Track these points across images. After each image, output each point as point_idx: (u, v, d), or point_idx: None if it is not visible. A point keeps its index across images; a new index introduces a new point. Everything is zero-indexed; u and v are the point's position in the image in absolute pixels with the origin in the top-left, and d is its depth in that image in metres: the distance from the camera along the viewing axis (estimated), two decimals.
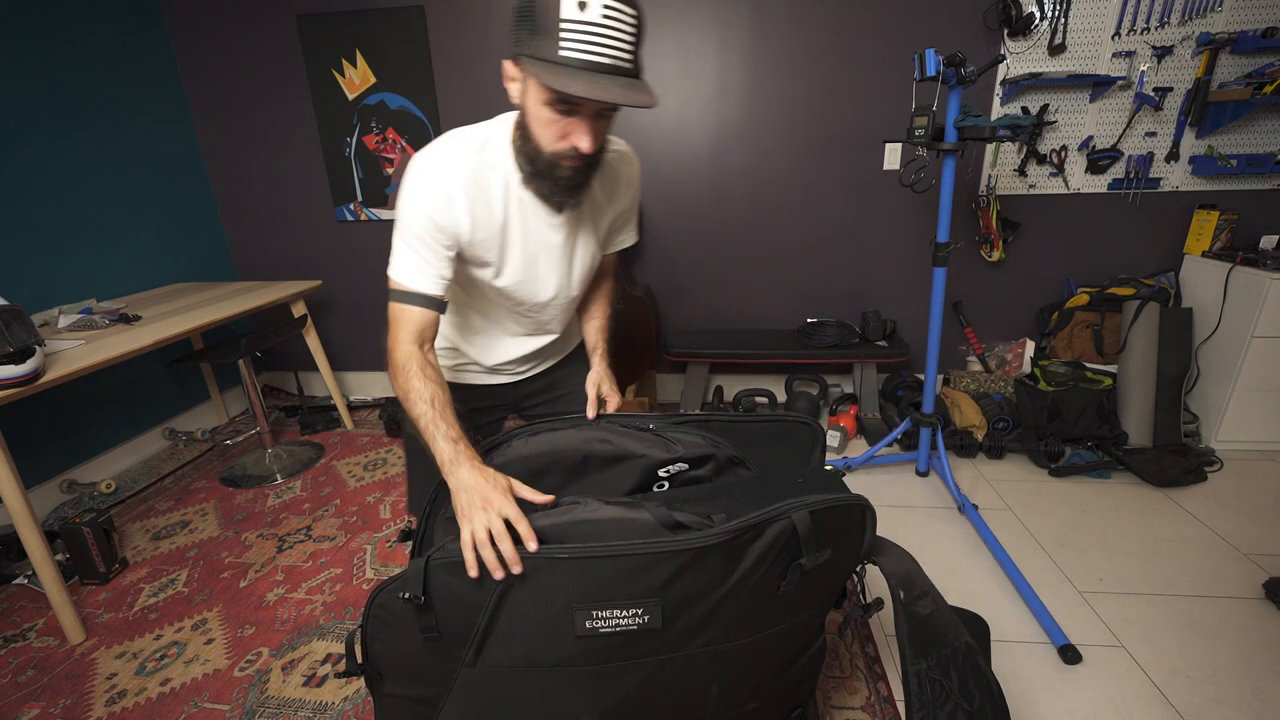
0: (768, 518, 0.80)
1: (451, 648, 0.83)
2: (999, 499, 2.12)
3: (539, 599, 0.79)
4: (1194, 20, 2.28)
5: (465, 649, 0.82)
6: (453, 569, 0.79)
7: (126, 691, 1.46)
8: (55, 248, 2.29)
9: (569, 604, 0.79)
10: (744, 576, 0.81)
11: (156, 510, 2.26)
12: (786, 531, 0.81)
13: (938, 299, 2.01)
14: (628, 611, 0.79)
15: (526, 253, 1.04)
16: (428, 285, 0.97)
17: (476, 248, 0.99)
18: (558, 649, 0.82)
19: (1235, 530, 1.90)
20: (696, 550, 0.77)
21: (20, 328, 1.51)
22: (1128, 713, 1.31)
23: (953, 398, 2.50)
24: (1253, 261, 2.24)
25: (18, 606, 1.77)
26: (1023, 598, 1.62)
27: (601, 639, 0.80)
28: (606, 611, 0.78)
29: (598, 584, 0.78)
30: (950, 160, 1.88)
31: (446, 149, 0.95)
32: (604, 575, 0.78)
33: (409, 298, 0.97)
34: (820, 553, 0.84)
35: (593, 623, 0.79)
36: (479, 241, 0.98)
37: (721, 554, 0.79)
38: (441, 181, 0.93)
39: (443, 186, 0.93)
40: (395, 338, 0.98)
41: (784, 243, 2.77)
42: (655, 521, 0.80)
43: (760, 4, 2.47)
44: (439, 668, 0.85)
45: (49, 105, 2.26)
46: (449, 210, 0.93)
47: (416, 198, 0.93)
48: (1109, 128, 2.44)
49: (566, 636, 0.80)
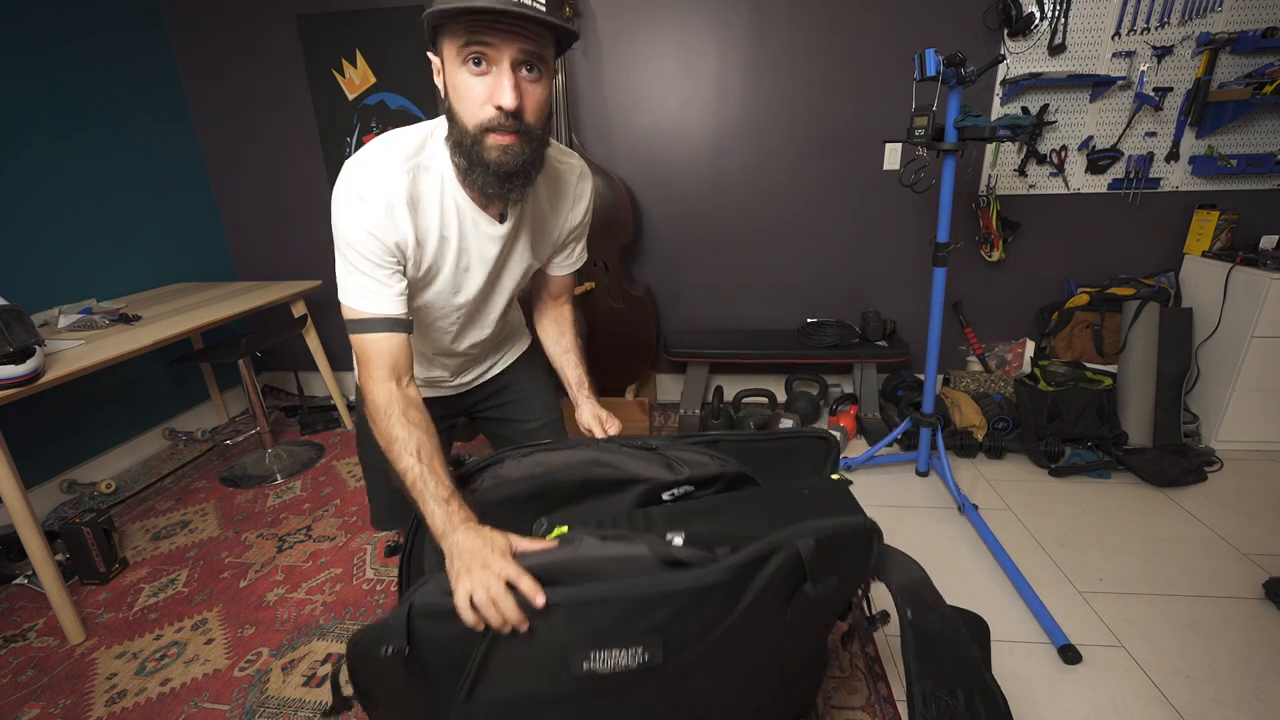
0: (771, 549, 0.76)
1: (443, 686, 0.79)
2: (999, 499, 2.12)
3: (534, 644, 0.75)
4: (1194, 20, 2.28)
5: (458, 688, 0.78)
6: (438, 616, 0.74)
7: (126, 691, 1.46)
8: (55, 248, 2.29)
9: (565, 647, 0.75)
10: (748, 609, 0.78)
11: (156, 510, 2.26)
12: (791, 559, 0.77)
13: (938, 299, 2.01)
14: (627, 651, 0.75)
15: (459, 266, 0.97)
16: (389, 306, 0.88)
17: (413, 263, 0.92)
18: (555, 688, 0.78)
19: (1235, 530, 1.90)
20: (698, 589, 0.74)
21: (20, 328, 1.51)
22: (1128, 713, 1.31)
23: (953, 398, 2.50)
24: (1253, 261, 2.24)
25: (18, 606, 1.77)
26: (1022, 598, 1.62)
27: (600, 679, 0.76)
28: (605, 652, 0.74)
29: (596, 627, 0.74)
30: (950, 160, 1.88)
31: (380, 156, 0.87)
32: (602, 618, 0.74)
33: (372, 325, 0.88)
34: (826, 580, 0.79)
35: (590, 664, 0.75)
36: (417, 258, 0.92)
37: (724, 589, 0.75)
38: (379, 193, 0.85)
39: (381, 198, 0.85)
40: (367, 375, 0.88)
41: (784, 242, 2.77)
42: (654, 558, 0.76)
43: (760, 4, 2.47)
44: (431, 704, 0.82)
45: (49, 105, 2.26)
46: (391, 224, 0.86)
47: (355, 214, 0.85)
48: (1109, 128, 2.44)
49: (564, 677, 0.76)
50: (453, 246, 0.94)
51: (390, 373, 0.88)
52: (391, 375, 0.88)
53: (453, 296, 1.01)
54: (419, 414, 0.88)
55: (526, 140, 0.82)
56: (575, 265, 1.18)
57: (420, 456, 0.83)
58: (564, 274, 1.18)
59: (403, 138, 0.89)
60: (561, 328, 1.22)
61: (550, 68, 0.82)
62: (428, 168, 0.89)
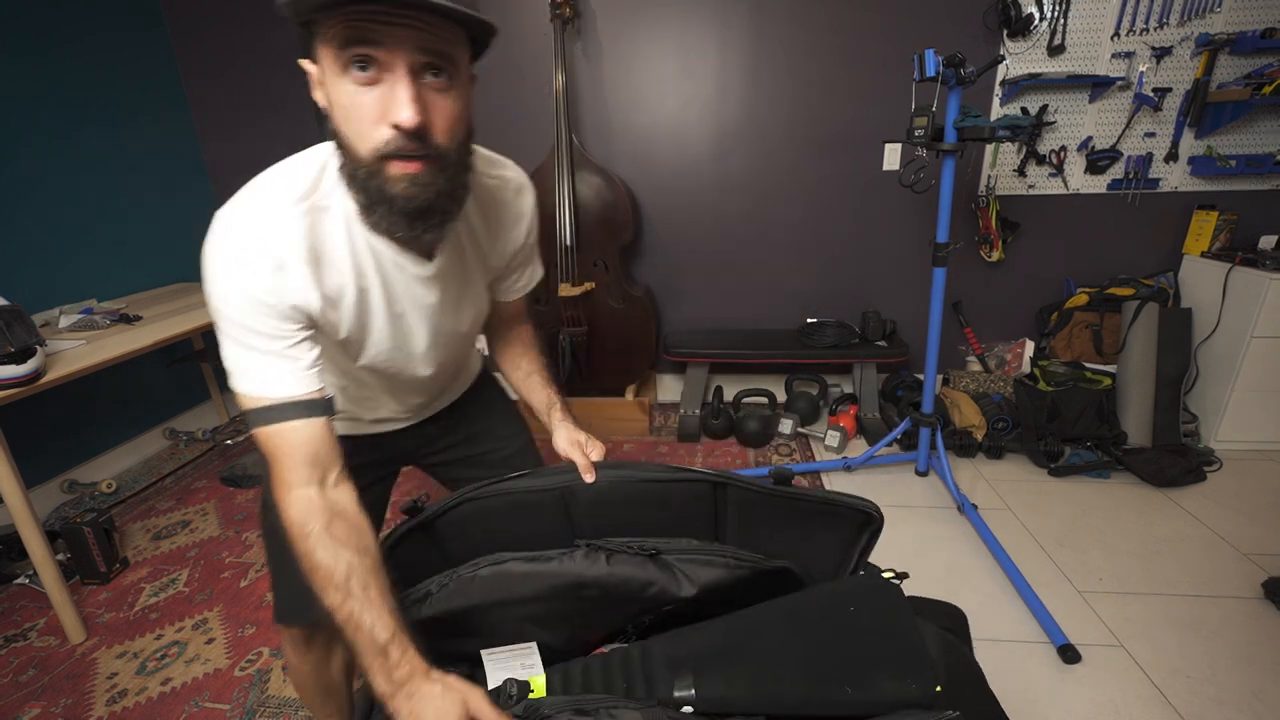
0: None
1: None
2: (998, 499, 2.12)
3: None
4: (1193, 21, 2.28)
5: None
6: None
7: (127, 691, 1.46)
8: (56, 248, 2.29)
9: None
10: None
11: (157, 510, 2.26)
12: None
13: (937, 299, 2.01)
14: None
15: (391, 317, 0.79)
16: (297, 386, 0.69)
17: (328, 326, 0.75)
18: None
19: (1235, 530, 1.90)
20: None
21: (21, 328, 1.51)
22: (1127, 712, 1.31)
23: (952, 398, 2.50)
24: (1252, 262, 2.24)
25: (19, 606, 1.78)
26: (1022, 597, 1.62)
27: None
28: None
29: None
30: (950, 160, 1.88)
31: (262, 201, 0.69)
32: None
33: (278, 413, 0.69)
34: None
35: None
36: (331, 320, 0.74)
37: None
38: (264, 249, 0.67)
39: (267, 255, 0.67)
40: (279, 480, 0.69)
41: (784, 243, 2.77)
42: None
43: (760, 4, 2.47)
44: None
45: (50, 105, 2.26)
46: (284, 285, 0.68)
47: (233, 280, 0.66)
48: (1108, 128, 2.44)
49: None
50: (377, 297, 0.76)
51: (309, 473, 0.69)
52: (311, 477, 0.69)
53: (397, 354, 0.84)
54: (345, 527, 0.69)
55: (439, 167, 0.64)
56: (528, 288, 1.02)
57: (351, 586, 0.65)
58: (516, 299, 1.02)
59: (290, 173, 0.71)
60: (520, 351, 1.06)
61: (464, 73, 0.65)
62: (325, 208, 0.71)
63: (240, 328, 0.68)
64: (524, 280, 1.00)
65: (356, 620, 0.63)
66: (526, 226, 0.92)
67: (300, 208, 0.69)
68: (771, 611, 0.70)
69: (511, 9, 2.55)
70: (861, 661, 0.60)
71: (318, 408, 0.71)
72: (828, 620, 0.66)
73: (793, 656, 0.63)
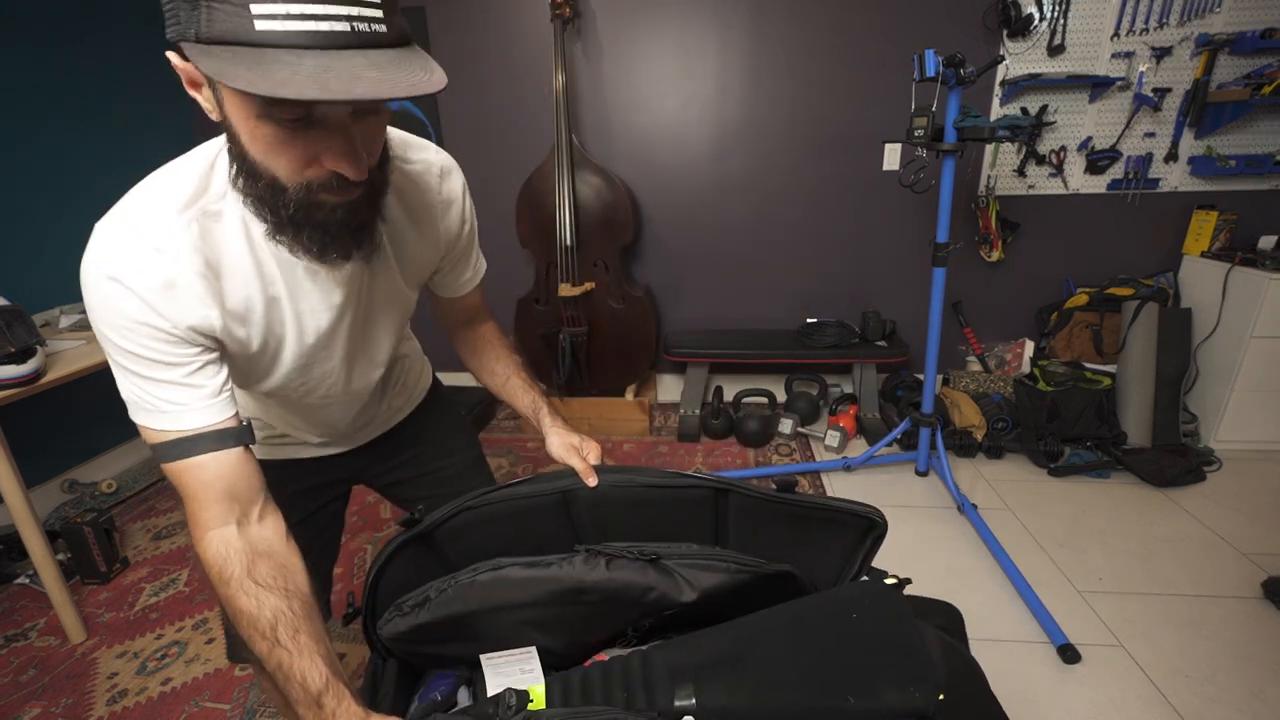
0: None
1: None
2: (998, 499, 2.12)
3: None
4: (1193, 21, 2.28)
5: None
6: None
7: (127, 691, 1.46)
8: (57, 248, 2.29)
9: None
10: None
11: (157, 510, 2.26)
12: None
13: (937, 299, 2.01)
14: None
15: (305, 326, 0.71)
16: (205, 415, 0.62)
17: (235, 344, 0.67)
18: None
19: (1234, 530, 1.90)
20: None
21: (21, 328, 1.51)
22: (1127, 712, 1.31)
23: (952, 398, 2.50)
24: (1251, 262, 2.24)
25: (19, 606, 1.78)
26: (1022, 597, 1.62)
27: None
28: None
29: None
30: (950, 160, 1.88)
31: (144, 211, 0.60)
32: None
33: (185, 447, 0.62)
34: None
35: None
36: (238, 337, 0.67)
37: None
38: (148, 267, 0.58)
39: (153, 274, 0.58)
40: (194, 521, 0.63)
41: (784, 243, 2.77)
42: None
43: (760, 4, 2.47)
44: None
45: (51, 107, 2.26)
46: (177, 305, 0.60)
47: (118, 305, 0.58)
48: (1108, 128, 2.44)
49: None
50: (286, 307, 0.68)
51: (227, 510, 0.63)
52: (229, 514, 0.63)
53: (312, 367, 0.76)
54: (270, 567, 0.63)
55: (370, 186, 0.59)
56: (473, 281, 0.93)
57: (278, 636, 0.59)
58: (465, 294, 0.94)
59: (172, 178, 0.62)
60: (493, 356, 0.97)
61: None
62: (217, 213, 0.62)
63: (132, 357, 0.60)
64: (469, 272, 0.92)
65: (286, 670, 0.59)
66: (459, 213, 0.82)
67: (185, 215, 0.60)
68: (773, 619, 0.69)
69: (511, 9, 2.55)
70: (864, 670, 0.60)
71: (230, 436, 0.63)
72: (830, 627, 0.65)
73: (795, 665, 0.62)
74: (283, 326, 0.70)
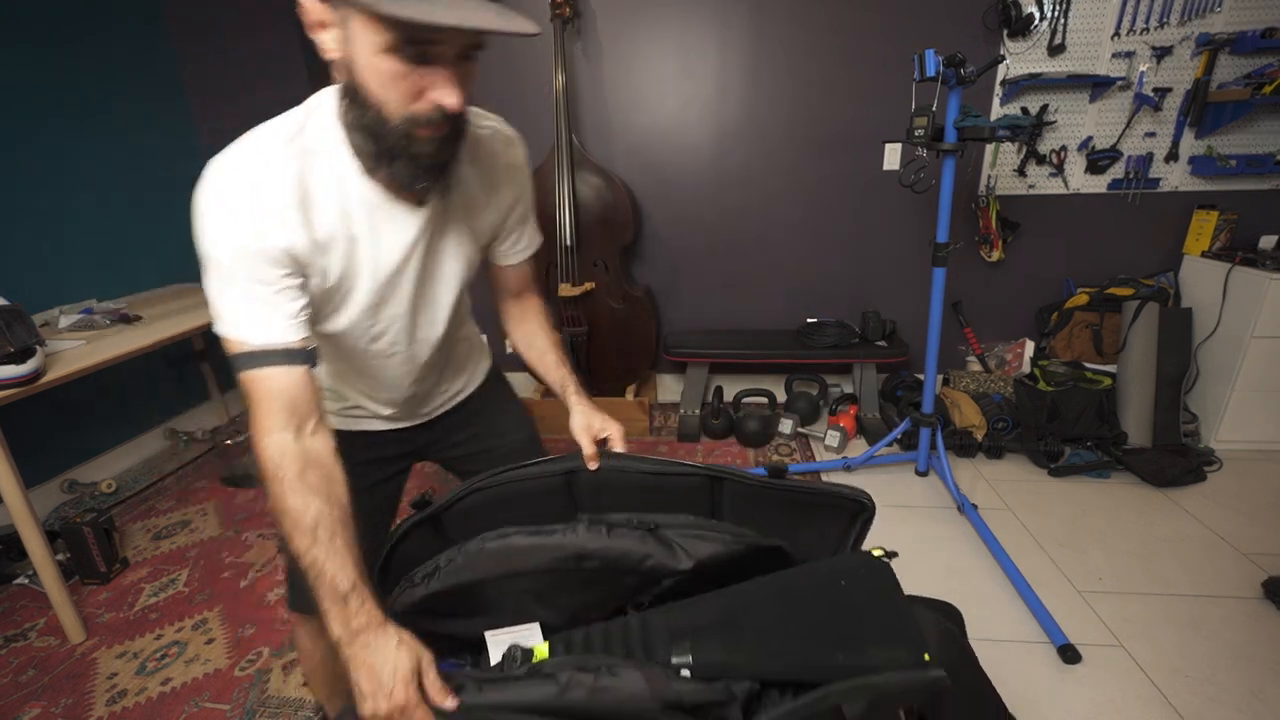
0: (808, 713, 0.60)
1: None
2: (998, 499, 2.12)
3: None
4: (1193, 21, 2.28)
5: None
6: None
7: (127, 691, 1.46)
8: (56, 248, 2.29)
9: None
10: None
11: (157, 510, 2.26)
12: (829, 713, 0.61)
13: (937, 299, 2.01)
14: None
15: (378, 267, 0.79)
16: (281, 334, 0.70)
17: (316, 272, 0.75)
18: None
19: (1234, 530, 1.90)
20: None
21: (21, 328, 1.51)
22: (1127, 712, 1.31)
23: (952, 398, 2.50)
24: (1252, 261, 2.24)
25: (19, 606, 1.78)
26: (1022, 597, 1.62)
27: None
28: None
29: None
30: (950, 160, 1.88)
31: (253, 146, 0.70)
32: None
33: (260, 359, 0.70)
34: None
35: None
36: (319, 265, 0.75)
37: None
38: (255, 193, 0.68)
39: (258, 199, 0.68)
40: (257, 423, 0.70)
41: (784, 243, 2.77)
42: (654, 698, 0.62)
43: (760, 4, 2.47)
44: None
45: (50, 105, 2.26)
46: (274, 230, 0.69)
47: (225, 223, 0.68)
48: (1108, 128, 2.44)
49: None
50: (365, 245, 0.77)
51: (287, 419, 0.70)
52: (288, 423, 0.70)
53: (381, 308, 0.83)
54: (319, 475, 0.70)
55: (458, 128, 0.69)
56: (528, 250, 1.01)
57: (318, 534, 0.66)
58: (517, 263, 1.01)
59: (278, 122, 0.72)
60: (531, 327, 1.05)
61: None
62: (314, 151, 0.71)
63: (228, 271, 0.69)
64: (524, 241, 0.99)
65: (320, 567, 0.65)
66: (520, 180, 0.91)
67: (285, 152, 0.70)
68: (766, 587, 0.72)
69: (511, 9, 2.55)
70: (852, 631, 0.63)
71: (298, 356, 0.71)
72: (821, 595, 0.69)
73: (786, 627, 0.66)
74: (359, 263, 0.77)
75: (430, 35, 0.59)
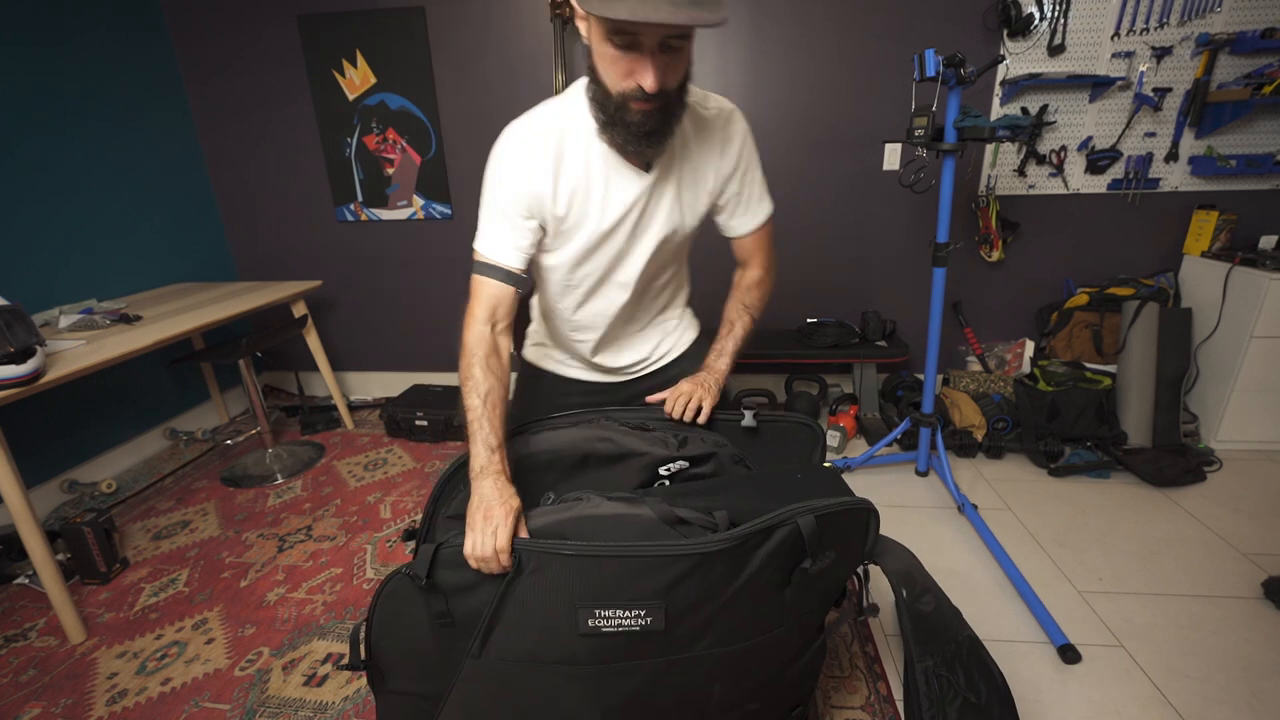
0: (774, 523, 0.80)
1: (458, 639, 0.85)
2: (998, 499, 2.12)
3: (544, 593, 0.81)
4: (1193, 21, 2.28)
5: (471, 640, 0.84)
6: (459, 564, 0.81)
7: (127, 691, 1.46)
8: (56, 248, 2.29)
9: (573, 601, 0.79)
10: (749, 580, 0.82)
11: (157, 510, 2.26)
12: (792, 536, 0.81)
13: (937, 299, 2.01)
14: (630, 612, 0.79)
15: (603, 217, 0.98)
16: (504, 257, 0.96)
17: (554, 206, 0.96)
18: (561, 646, 0.82)
19: (1234, 530, 1.90)
20: (703, 555, 0.78)
21: (21, 328, 1.51)
22: (1127, 712, 1.31)
23: (952, 398, 2.50)
24: (1252, 262, 2.24)
25: (18, 606, 1.78)
26: (1022, 597, 1.62)
27: (604, 638, 0.81)
28: (609, 611, 0.79)
29: (602, 583, 0.79)
30: (950, 160, 1.88)
31: (531, 118, 0.96)
32: (608, 575, 0.78)
33: (485, 269, 0.96)
34: (825, 556, 0.84)
35: (595, 621, 0.79)
36: (558, 214, 0.97)
37: (727, 559, 0.79)
38: (524, 148, 0.93)
39: (525, 153, 0.93)
40: (470, 312, 0.97)
41: (783, 242, 2.74)
42: (657, 518, 0.81)
43: (760, 4, 2.47)
44: (444, 660, 0.86)
45: (49, 105, 2.26)
46: (530, 177, 0.93)
47: (499, 166, 0.95)
48: (1108, 128, 2.44)
49: (570, 634, 0.81)
50: (596, 196, 0.97)
51: (488, 315, 0.95)
52: (488, 317, 0.95)
53: (593, 252, 1.02)
54: (499, 363, 0.95)
55: (664, 105, 0.86)
56: (756, 220, 1.15)
57: (486, 402, 0.90)
58: (745, 233, 1.17)
59: (553, 102, 0.97)
60: (735, 299, 1.24)
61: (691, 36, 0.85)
62: (572, 118, 0.94)
63: (494, 204, 0.96)
64: (750, 209, 1.13)
65: (481, 422, 0.89)
66: (736, 150, 1.06)
67: (552, 123, 0.95)
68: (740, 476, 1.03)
69: (511, 8, 2.55)
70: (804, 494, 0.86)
71: (511, 278, 0.97)
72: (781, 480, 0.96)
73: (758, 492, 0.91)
74: (588, 211, 0.98)
75: (627, 26, 0.76)
